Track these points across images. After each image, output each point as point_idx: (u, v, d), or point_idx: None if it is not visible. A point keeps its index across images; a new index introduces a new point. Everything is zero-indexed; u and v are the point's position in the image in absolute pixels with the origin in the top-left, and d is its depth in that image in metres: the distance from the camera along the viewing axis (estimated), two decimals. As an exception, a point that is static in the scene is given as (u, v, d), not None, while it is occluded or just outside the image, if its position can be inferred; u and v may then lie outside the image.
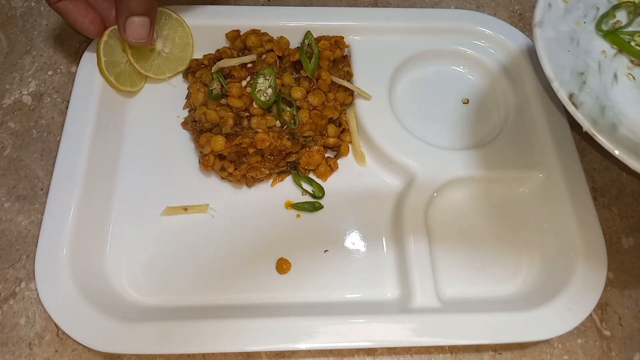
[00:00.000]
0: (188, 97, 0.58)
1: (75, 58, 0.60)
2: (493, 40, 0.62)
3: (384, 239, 0.51)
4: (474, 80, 0.63)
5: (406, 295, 0.47)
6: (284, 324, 0.44)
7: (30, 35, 0.62)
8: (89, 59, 0.55)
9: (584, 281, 0.47)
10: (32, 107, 0.57)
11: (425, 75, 0.62)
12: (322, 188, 0.54)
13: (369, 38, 0.60)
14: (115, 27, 0.56)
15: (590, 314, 0.47)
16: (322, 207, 0.53)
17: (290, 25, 0.60)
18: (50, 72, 0.60)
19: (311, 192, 0.53)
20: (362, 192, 0.54)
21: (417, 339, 0.44)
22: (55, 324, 0.46)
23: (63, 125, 0.52)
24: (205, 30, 0.59)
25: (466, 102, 0.61)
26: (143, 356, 0.45)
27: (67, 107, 0.53)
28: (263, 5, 0.63)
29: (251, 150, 0.51)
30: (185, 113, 0.58)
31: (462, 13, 0.63)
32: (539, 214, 0.53)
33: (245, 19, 0.59)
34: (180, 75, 0.60)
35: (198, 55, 0.59)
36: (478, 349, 0.47)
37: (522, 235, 0.53)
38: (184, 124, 0.57)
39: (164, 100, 0.58)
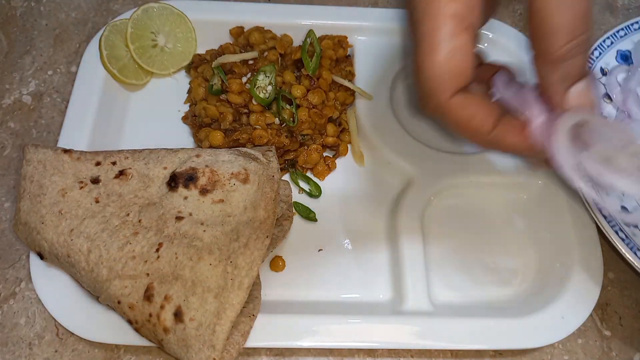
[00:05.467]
0: (190, 91, 0.58)
1: (75, 58, 0.60)
2: (496, 44, 0.61)
3: (379, 241, 0.51)
4: None
5: (398, 298, 0.47)
6: (280, 321, 0.44)
7: (30, 35, 0.62)
8: (91, 55, 0.56)
9: (578, 291, 0.46)
10: (32, 107, 0.57)
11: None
12: (319, 187, 0.53)
13: (373, 38, 0.60)
14: (116, 22, 0.56)
15: (591, 314, 0.46)
16: (316, 220, 0.52)
17: (294, 23, 0.60)
18: (50, 72, 0.60)
19: (308, 190, 0.53)
20: (360, 193, 0.54)
21: (410, 341, 0.44)
22: (55, 325, 0.46)
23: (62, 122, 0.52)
24: (210, 26, 0.59)
25: None
26: (140, 349, 0.45)
27: (66, 107, 0.53)
28: (268, 2, 0.63)
29: (249, 147, 0.51)
30: (187, 107, 0.58)
31: None
32: (537, 221, 0.53)
33: (250, 15, 0.60)
34: (184, 70, 0.60)
35: (202, 50, 0.59)
36: (478, 350, 0.47)
37: (518, 242, 0.52)
38: (185, 119, 0.57)
39: (167, 95, 0.58)
